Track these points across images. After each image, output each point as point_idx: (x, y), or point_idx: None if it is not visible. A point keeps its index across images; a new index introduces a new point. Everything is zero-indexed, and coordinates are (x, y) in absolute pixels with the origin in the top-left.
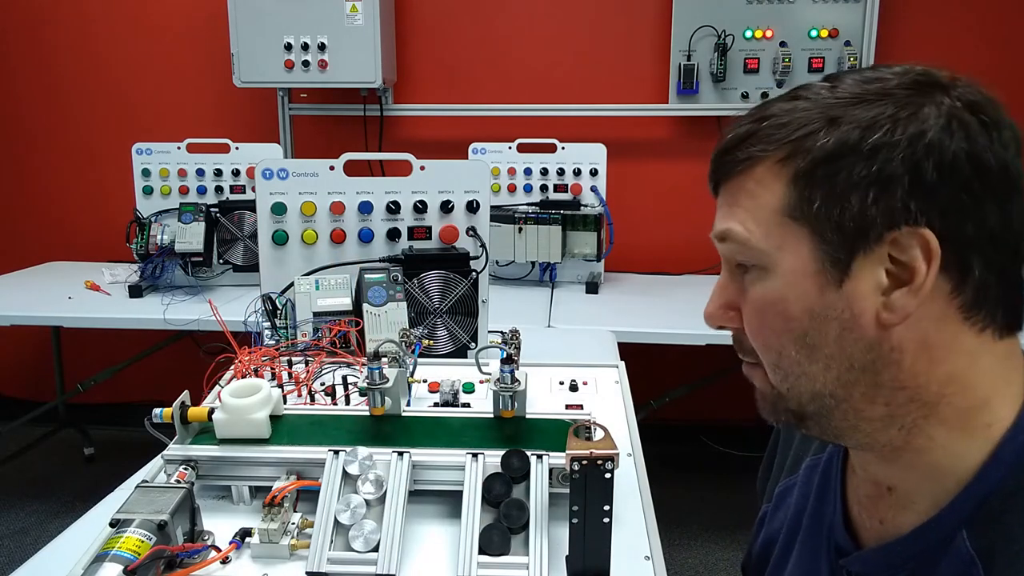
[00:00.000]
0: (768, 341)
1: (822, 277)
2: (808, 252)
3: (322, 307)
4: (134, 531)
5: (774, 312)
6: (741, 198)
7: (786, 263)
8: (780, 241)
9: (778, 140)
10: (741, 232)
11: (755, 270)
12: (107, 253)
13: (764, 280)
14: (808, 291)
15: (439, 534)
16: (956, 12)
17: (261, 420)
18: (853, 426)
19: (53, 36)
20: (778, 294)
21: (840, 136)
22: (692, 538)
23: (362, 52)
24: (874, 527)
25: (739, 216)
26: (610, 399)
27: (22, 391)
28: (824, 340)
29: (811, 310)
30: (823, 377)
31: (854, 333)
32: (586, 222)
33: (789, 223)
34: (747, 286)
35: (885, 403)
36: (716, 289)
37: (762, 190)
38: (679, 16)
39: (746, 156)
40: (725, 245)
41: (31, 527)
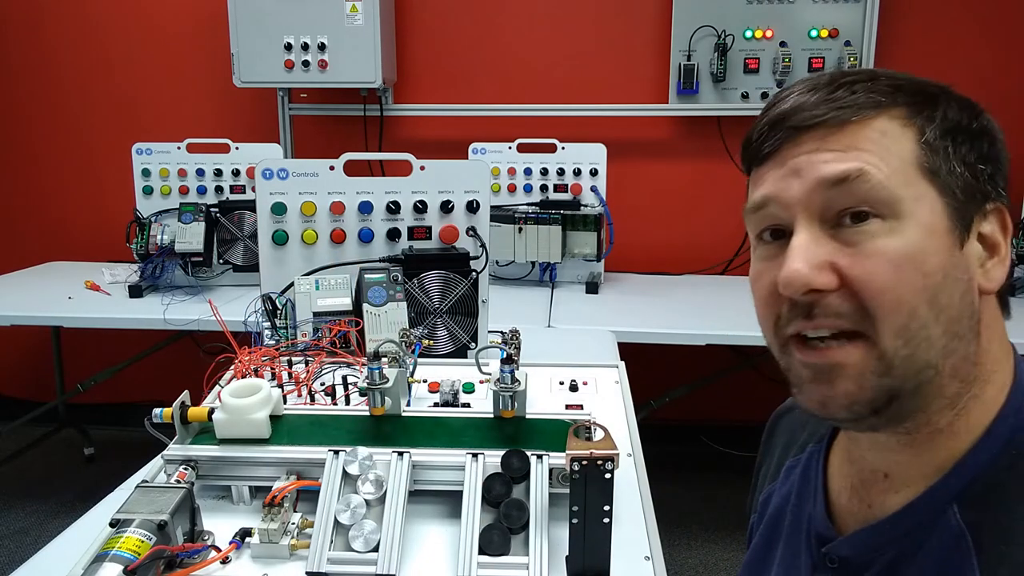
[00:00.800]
0: (902, 297)
1: (951, 236)
2: (941, 208)
3: (322, 307)
4: (134, 531)
5: (911, 266)
6: (864, 143)
7: (923, 215)
8: (917, 192)
9: (899, 100)
10: (878, 173)
11: (877, 221)
12: (107, 253)
13: (896, 231)
14: (942, 248)
15: (439, 534)
16: (956, 12)
17: (261, 420)
18: (927, 405)
19: (53, 36)
20: (916, 247)
21: (955, 112)
22: (692, 538)
23: (362, 52)
24: (861, 512)
25: (869, 158)
26: (610, 399)
27: (22, 391)
28: (951, 302)
29: (944, 268)
30: (938, 343)
31: (969, 298)
32: (586, 222)
33: (921, 177)
34: (864, 239)
35: (961, 380)
36: (802, 246)
37: (889, 140)
38: (679, 16)
39: (872, 102)
40: (839, 189)
41: (31, 527)
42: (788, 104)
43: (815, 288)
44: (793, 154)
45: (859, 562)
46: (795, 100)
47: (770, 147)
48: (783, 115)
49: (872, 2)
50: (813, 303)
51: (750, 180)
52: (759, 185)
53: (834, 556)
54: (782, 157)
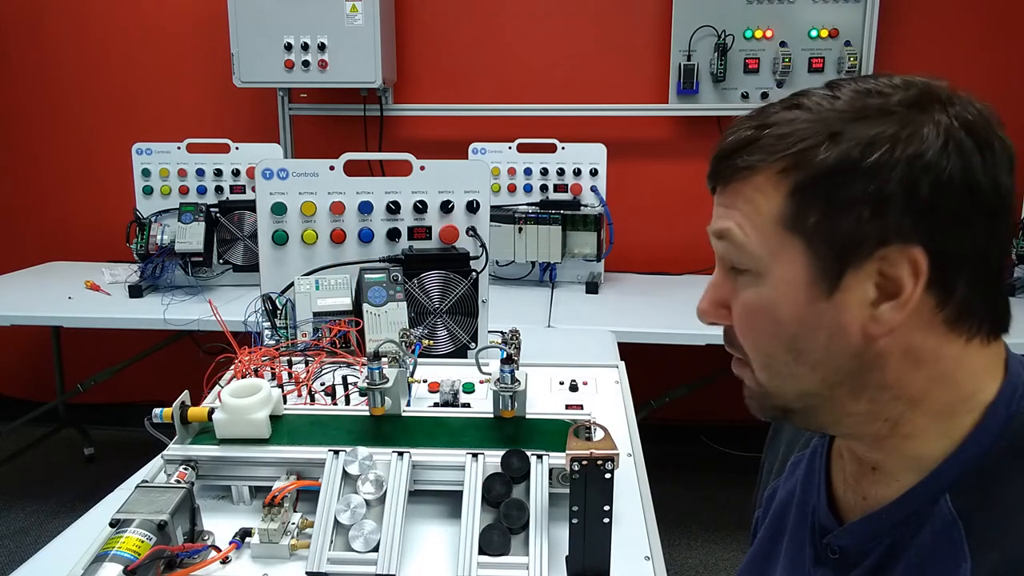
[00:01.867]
0: (757, 342)
1: (813, 288)
2: (801, 263)
3: (322, 307)
4: (134, 531)
5: (764, 316)
6: (739, 203)
7: (779, 271)
8: (775, 249)
9: (779, 151)
10: (738, 234)
11: (748, 274)
12: (107, 253)
13: (756, 285)
14: (799, 300)
15: (439, 534)
16: (956, 12)
17: (261, 420)
18: (837, 420)
19: (54, 36)
20: (769, 300)
21: (840, 152)
22: (692, 538)
23: (362, 52)
24: (858, 503)
25: (736, 219)
26: (610, 399)
27: (22, 391)
28: (812, 346)
29: (801, 318)
30: (809, 378)
31: (841, 341)
32: (586, 222)
33: (785, 233)
34: (739, 288)
35: (869, 400)
36: (709, 286)
37: (761, 198)
38: (679, 16)
39: (746, 164)
40: (721, 243)
41: (31, 527)
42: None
43: (713, 323)
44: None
45: (857, 551)
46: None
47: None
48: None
49: (872, 2)
50: (724, 331)
51: None
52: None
53: (835, 546)
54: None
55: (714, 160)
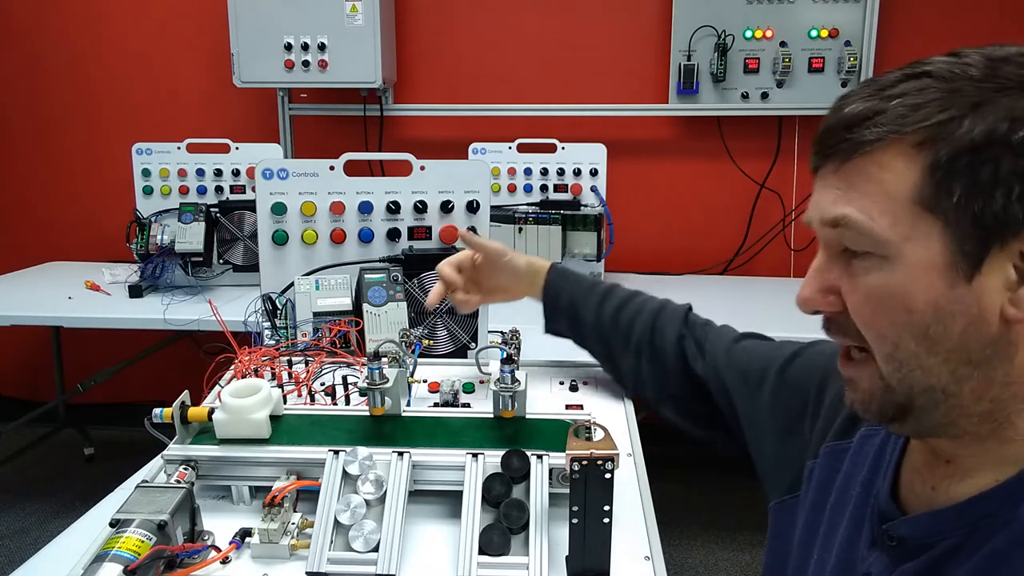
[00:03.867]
0: (884, 332)
1: (952, 271)
2: (940, 244)
3: (322, 307)
4: (134, 531)
5: (894, 304)
6: (861, 182)
7: (913, 255)
8: (908, 231)
9: (915, 122)
10: (863, 221)
11: (871, 258)
12: (107, 253)
13: (884, 269)
14: (935, 284)
15: (439, 534)
16: (956, 12)
17: (261, 420)
18: (952, 422)
19: (54, 36)
20: (900, 286)
21: (987, 126)
22: (692, 538)
23: (362, 52)
24: (925, 493)
25: (859, 203)
26: (610, 399)
27: (22, 391)
28: (947, 335)
29: (936, 304)
30: (939, 371)
31: (980, 328)
32: (586, 222)
33: (921, 213)
34: (857, 272)
35: (991, 400)
36: (813, 272)
37: (889, 175)
38: (679, 16)
39: (876, 136)
40: (836, 231)
41: (31, 527)
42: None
43: (819, 311)
44: (821, 179)
45: (917, 544)
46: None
47: (815, 163)
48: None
49: (872, 2)
50: (828, 319)
51: None
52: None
53: (893, 535)
54: (819, 176)
55: (826, 134)
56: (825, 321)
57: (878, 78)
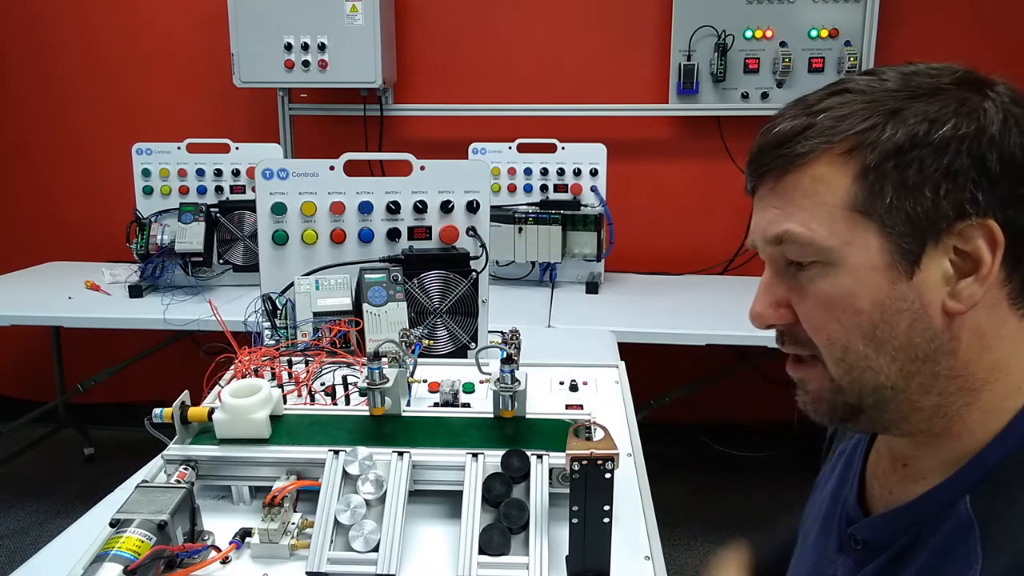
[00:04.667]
0: (833, 336)
1: (893, 270)
2: (877, 246)
3: (322, 307)
4: (134, 531)
5: (842, 307)
6: (797, 197)
7: (854, 258)
8: (848, 236)
9: (841, 132)
10: (803, 233)
11: (816, 266)
12: (107, 253)
13: (829, 276)
14: (878, 284)
15: (439, 534)
16: (956, 12)
17: (261, 420)
18: (904, 417)
19: (54, 36)
20: (846, 289)
21: (908, 129)
22: (692, 538)
23: (362, 52)
24: (883, 498)
25: (798, 216)
26: (610, 399)
27: (22, 391)
28: (893, 332)
29: (881, 303)
30: (888, 369)
31: (923, 323)
32: (586, 222)
33: (856, 218)
34: (804, 282)
35: (938, 393)
36: (762, 287)
37: (822, 186)
38: (679, 16)
39: (807, 149)
40: (780, 247)
41: (31, 527)
42: (763, 138)
43: (772, 325)
44: (759, 200)
45: (877, 544)
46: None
47: (750, 185)
48: (753, 153)
49: (872, 2)
50: (781, 331)
51: None
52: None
53: (857, 537)
54: (757, 198)
55: (759, 153)
56: (778, 335)
57: (805, 97)
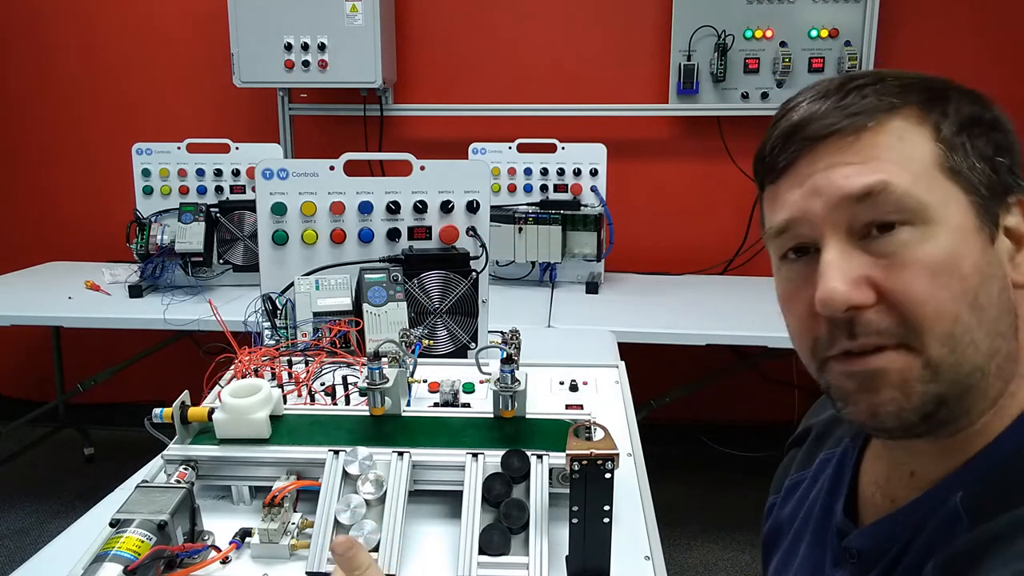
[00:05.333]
0: (943, 306)
1: (982, 234)
2: (966, 208)
3: (322, 307)
4: (134, 531)
5: (949, 271)
6: (881, 151)
7: (953, 217)
8: (943, 194)
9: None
10: (901, 184)
11: (907, 229)
12: (107, 253)
13: (929, 238)
14: (975, 247)
15: (439, 534)
16: (956, 12)
17: (261, 420)
18: (971, 408)
19: (53, 36)
20: (951, 251)
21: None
22: (692, 538)
23: (362, 52)
24: (885, 507)
25: (889, 168)
26: (610, 399)
27: (22, 391)
28: (990, 300)
29: (980, 268)
30: (983, 345)
31: (1006, 293)
32: (586, 222)
33: (945, 178)
34: (896, 248)
35: (1004, 379)
36: (835, 263)
37: (907, 143)
38: (679, 16)
39: (885, 105)
40: (867, 203)
41: (31, 527)
42: (799, 114)
43: (854, 305)
44: (810, 170)
45: (873, 553)
46: (806, 109)
47: (785, 160)
48: (795, 126)
49: (872, 2)
50: (853, 320)
51: (765, 197)
52: (778, 207)
53: (853, 550)
54: (799, 173)
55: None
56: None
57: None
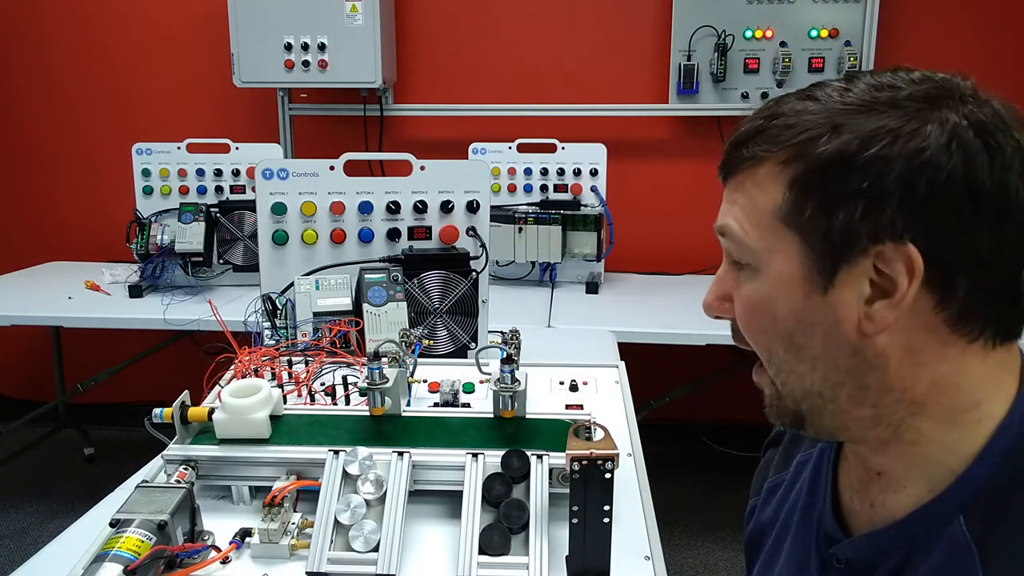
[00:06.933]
0: (757, 338)
1: (808, 283)
2: (797, 258)
3: (322, 307)
4: (134, 531)
5: (762, 311)
6: (740, 196)
7: (776, 266)
8: (772, 244)
9: (782, 141)
10: (737, 230)
11: (748, 269)
12: (107, 253)
13: (754, 280)
14: (795, 295)
15: (439, 534)
16: (956, 12)
17: (261, 420)
18: (842, 425)
19: (53, 36)
20: (766, 295)
21: (839, 144)
22: (692, 538)
23: (362, 52)
24: (865, 511)
25: (736, 214)
26: (610, 399)
27: (22, 391)
28: (810, 342)
29: (797, 313)
30: (811, 376)
31: (837, 339)
32: (586, 222)
33: (781, 227)
34: (739, 282)
35: (872, 404)
36: (715, 280)
37: (759, 192)
38: (679, 16)
39: (751, 155)
40: (724, 240)
41: (31, 527)
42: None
43: (718, 316)
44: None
45: (864, 564)
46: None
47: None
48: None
49: (872, 2)
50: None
51: None
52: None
53: (840, 557)
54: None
55: (726, 150)
56: (732, 329)
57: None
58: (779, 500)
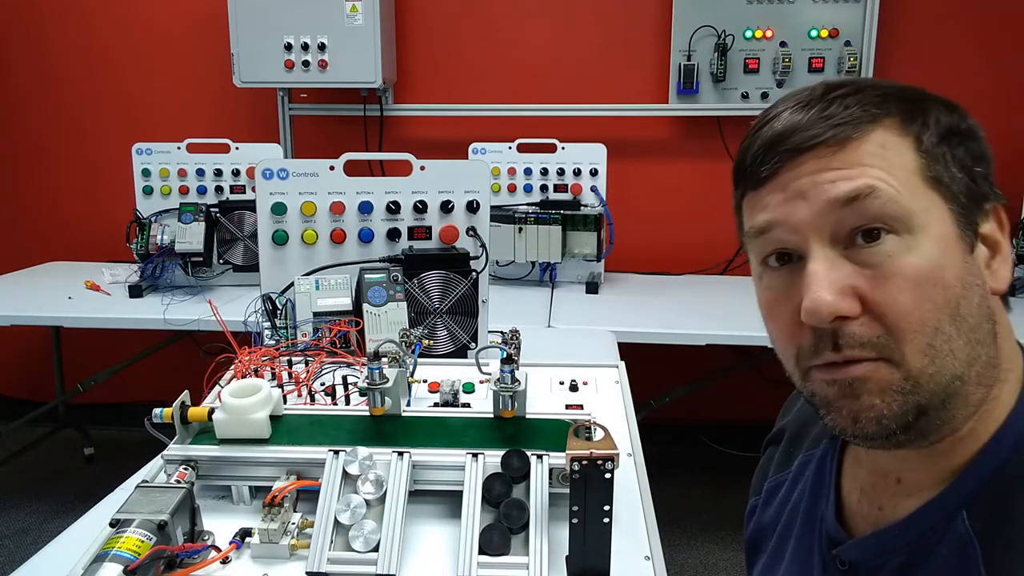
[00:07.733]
0: (926, 316)
1: (962, 243)
2: (947, 217)
3: (322, 307)
4: (134, 531)
5: (932, 281)
6: (866, 158)
7: (935, 226)
8: (925, 203)
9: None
10: (888, 188)
11: (891, 238)
12: (107, 253)
13: (913, 247)
14: (956, 258)
15: (439, 534)
16: (955, 12)
17: (261, 420)
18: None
19: (53, 36)
20: (934, 260)
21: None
22: (692, 538)
23: (362, 52)
24: (872, 514)
25: (875, 173)
26: (610, 399)
27: (22, 391)
28: (970, 309)
29: (962, 278)
30: (961, 354)
31: (985, 300)
32: (586, 222)
33: (927, 188)
34: (881, 259)
35: (985, 385)
36: (822, 272)
37: (890, 153)
38: (679, 16)
39: (868, 116)
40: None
41: (31, 527)
42: (781, 124)
43: (840, 315)
44: (794, 176)
45: (868, 566)
46: (788, 120)
47: (768, 171)
48: (778, 136)
49: (872, 2)
50: (837, 331)
51: (745, 204)
52: (759, 209)
53: (843, 559)
54: (781, 180)
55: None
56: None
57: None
58: (780, 501)
